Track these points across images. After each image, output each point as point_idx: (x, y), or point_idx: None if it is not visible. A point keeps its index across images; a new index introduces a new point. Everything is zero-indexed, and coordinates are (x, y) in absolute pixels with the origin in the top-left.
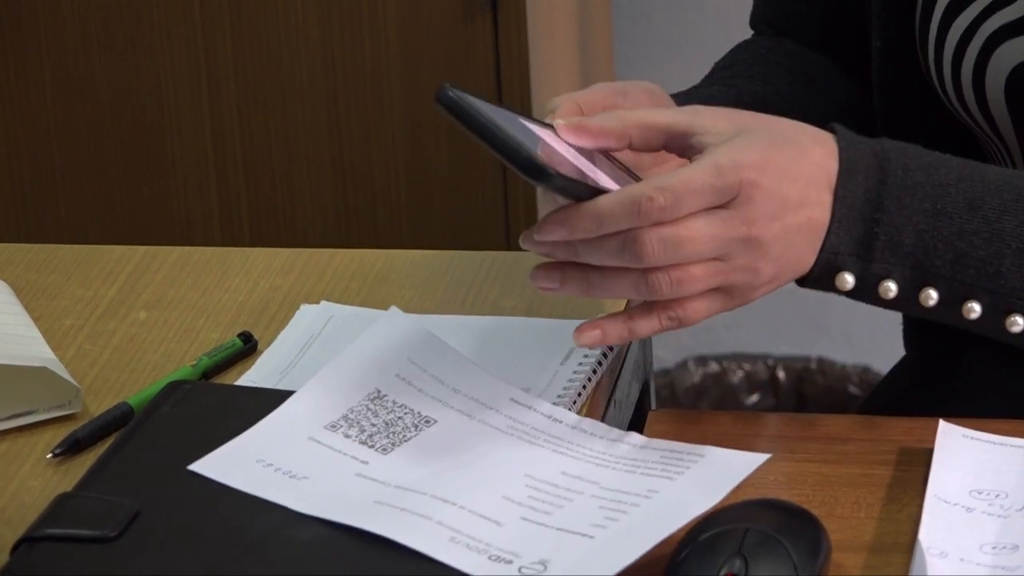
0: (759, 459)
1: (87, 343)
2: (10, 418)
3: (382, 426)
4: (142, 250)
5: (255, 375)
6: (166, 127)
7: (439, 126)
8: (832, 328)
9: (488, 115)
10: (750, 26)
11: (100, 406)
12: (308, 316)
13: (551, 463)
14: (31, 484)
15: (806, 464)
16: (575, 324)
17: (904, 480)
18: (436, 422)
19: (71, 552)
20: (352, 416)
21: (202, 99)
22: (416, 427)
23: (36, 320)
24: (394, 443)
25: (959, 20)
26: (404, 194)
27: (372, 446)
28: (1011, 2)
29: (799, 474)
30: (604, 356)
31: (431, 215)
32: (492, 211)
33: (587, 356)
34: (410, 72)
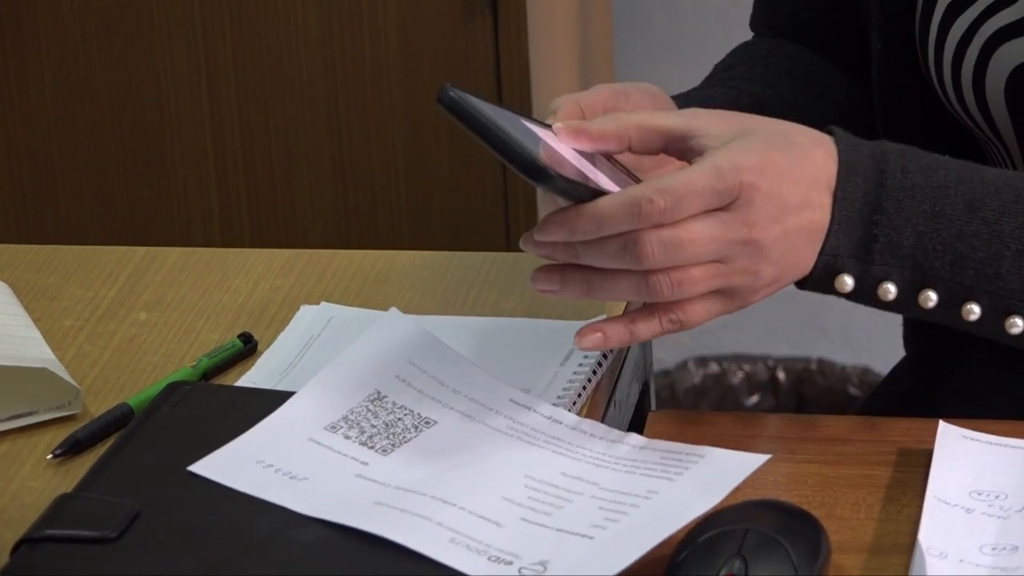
0: (759, 460)
1: (87, 344)
2: (10, 419)
3: (382, 427)
4: (142, 251)
5: (255, 376)
6: (166, 127)
7: (439, 126)
8: (832, 329)
9: (489, 116)
10: (750, 28)
11: (100, 407)
12: (308, 317)
13: (551, 464)
14: (31, 485)
15: (806, 465)
16: (575, 325)
17: (904, 481)
18: (436, 423)
19: (71, 553)
20: (352, 417)
21: (202, 99)
22: (416, 428)
23: (36, 321)
24: (394, 444)
25: (959, 21)
26: (404, 194)
27: (372, 447)
28: (1011, 3)
29: (799, 475)
30: (604, 357)
31: (431, 215)
32: (492, 212)
33: (587, 357)
34: (410, 72)
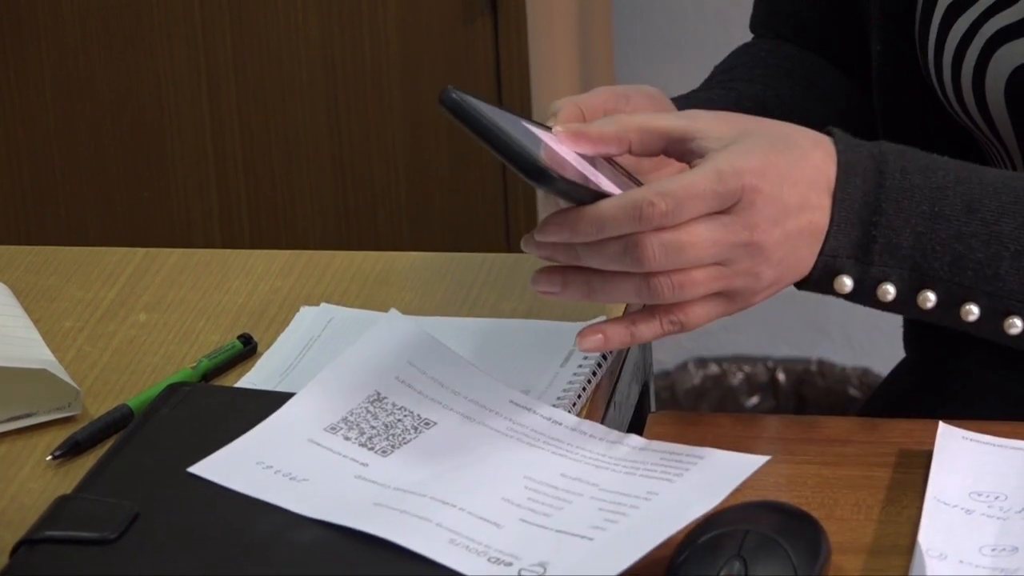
0: (759, 461)
1: (87, 345)
2: (10, 420)
3: (382, 428)
4: (142, 252)
5: (255, 377)
6: (166, 127)
7: (439, 127)
8: (832, 330)
9: (491, 117)
10: (750, 29)
11: (100, 408)
12: (308, 318)
13: (551, 465)
14: (31, 486)
15: (806, 466)
16: (575, 326)
17: (904, 482)
18: (436, 424)
19: (71, 554)
20: (352, 418)
21: (202, 99)
22: (416, 429)
23: (36, 322)
24: (394, 445)
25: (959, 22)
26: (404, 194)
27: (372, 448)
28: (1011, 4)
29: (799, 476)
30: (604, 358)
31: (431, 216)
32: (492, 212)
33: (587, 358)
34: (410, 72)
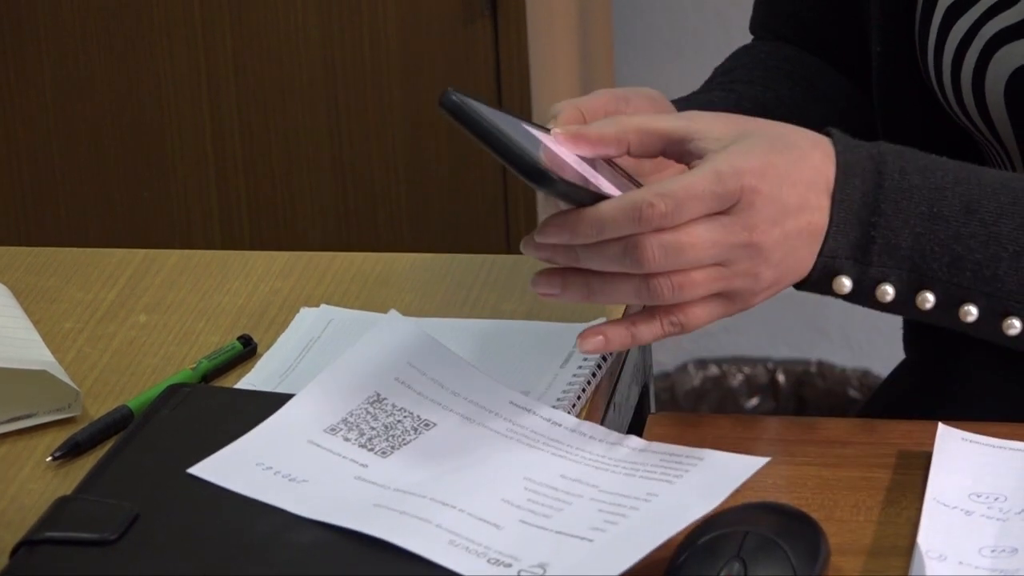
0: (758, 462)
1: (87, 346)
2: (10, 421)
3: (381, 429)
4: (142, 253)
5: (255, 378)
6: (166, 127)
7: (439, 127)
8: (832, 331)
9: (491, 119)
10: (750, 31)
11: (100, 409)
12: (308, 319)
13: (550, 466)
14: (31, 487)
15: (805, 467)
16: (575, 328)
17: (903, 483)
18: (435, 425)
19: (71, 555)
20: (351, 419)
21: (202, 99)
22: (415, 430)
23: (36, 323)
24: (393, 446)
25: (959, 24)
26: (404, 195)
27: (371, 449)
28: (1011, 5)
29: (798, 477)
30: (603, 359)
31: (431, 217)
32: (492, 213)
33: (586, 359)
34: (410, 73)
